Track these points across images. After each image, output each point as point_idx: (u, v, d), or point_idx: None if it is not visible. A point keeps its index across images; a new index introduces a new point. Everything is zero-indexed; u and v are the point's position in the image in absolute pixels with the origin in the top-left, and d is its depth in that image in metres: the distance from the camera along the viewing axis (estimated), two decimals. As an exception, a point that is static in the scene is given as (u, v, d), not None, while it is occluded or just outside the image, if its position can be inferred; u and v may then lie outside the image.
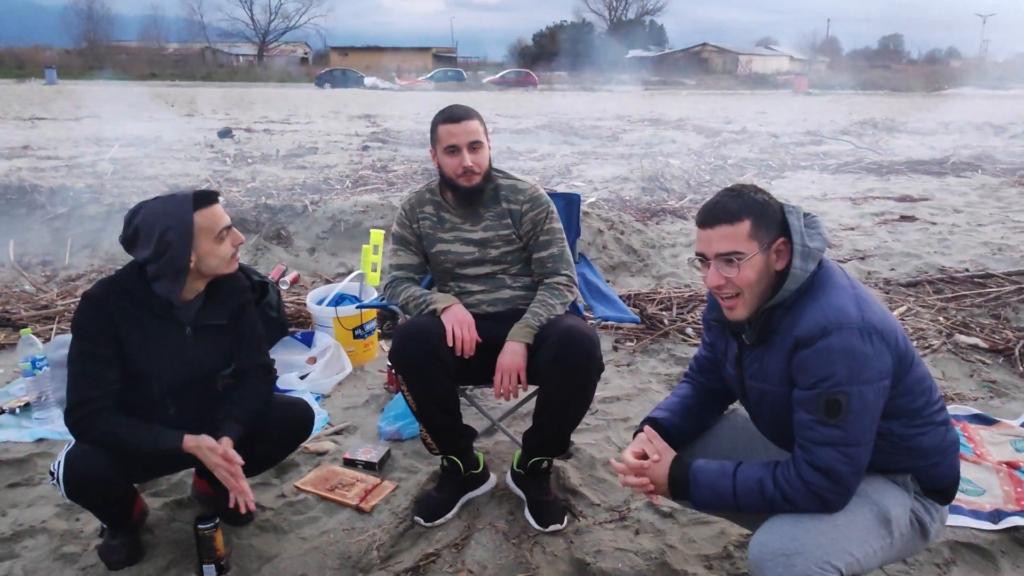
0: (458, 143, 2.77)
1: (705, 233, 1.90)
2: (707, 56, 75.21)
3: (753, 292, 1.90)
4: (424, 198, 2.99)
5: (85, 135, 13.94)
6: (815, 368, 1.78)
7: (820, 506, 1.82)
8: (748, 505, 1.90)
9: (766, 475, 1.87)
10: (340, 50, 77.76)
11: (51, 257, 6.15)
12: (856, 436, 1.79)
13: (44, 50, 62.37)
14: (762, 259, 1.87)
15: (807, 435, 1.82)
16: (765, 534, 1.84)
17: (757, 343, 1.95)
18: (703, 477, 1.95)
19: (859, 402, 1.76)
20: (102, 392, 2.27)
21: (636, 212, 7.48)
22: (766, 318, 1.91)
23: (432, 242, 2.95)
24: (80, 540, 2.65)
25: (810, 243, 1.86)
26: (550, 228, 2.92)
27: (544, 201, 2.95)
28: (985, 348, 4.32)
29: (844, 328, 1.76)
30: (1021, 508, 2.77)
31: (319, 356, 4.06)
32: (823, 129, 17.70)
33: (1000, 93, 41.06)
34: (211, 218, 2.33)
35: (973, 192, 9.55)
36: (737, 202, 1.87)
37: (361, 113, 22.51)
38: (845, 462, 1.79)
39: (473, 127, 2.80)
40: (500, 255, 2.92)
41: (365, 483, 2.99)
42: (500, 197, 2.93)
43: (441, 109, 2.89)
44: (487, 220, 2.91)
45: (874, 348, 1.77)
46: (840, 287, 1.85)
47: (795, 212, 1.91)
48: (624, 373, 4.13)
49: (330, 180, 8.78)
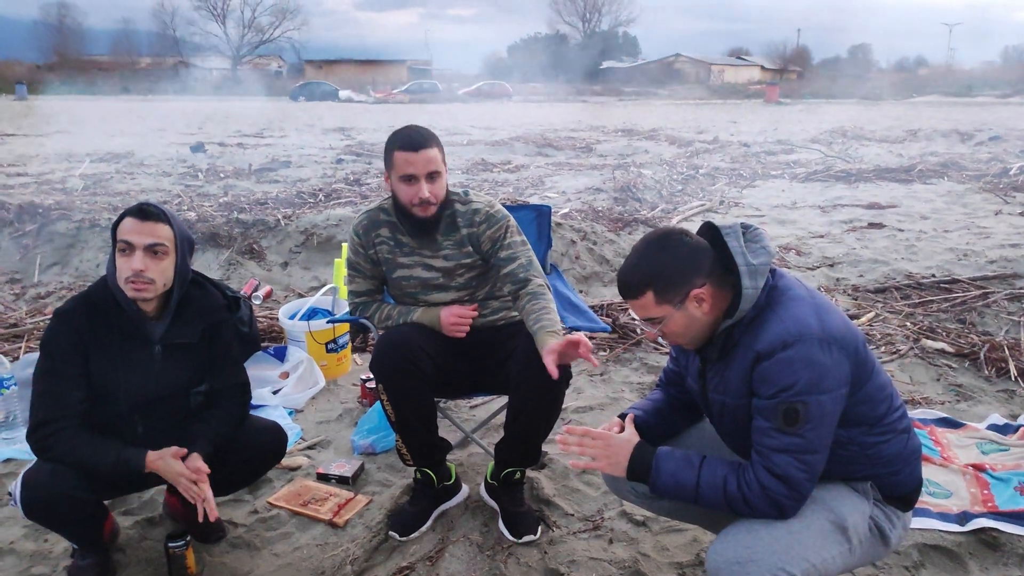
0: (416, 172, 2.64)
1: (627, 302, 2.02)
2: (680, 66, 75.91)
3: (691, 335, 1.98)
4: (378, 219, 2.85)
5: (55, 151, 13.81)
6: (776, 379, 1.80)
7: (776, 512, 1.84)
8: (708, 498, 1.90)
9: (730, 474, 1.89)
10: (315, 63, 77.59)
11: (20, 275, 6.09)
12: (813, 444, 1.81)
13: (13, 64, 61.76)
14: (680, 315, 1.92)
15: (764, 442, 1.85)
16: (721, 543, 1.86)
17: (719, 359, 1.98)
18: (666, 464, 1.95)
19: (817, 410, 1.79)
20: (66, 411, 2.25)
21: (608, 222, 7.53)
22: (726, 335, 1.94)
23: (392, 267, 2.86)
24: (49, 560, 2.62)
25: (754, 260, 1.88)
26: (511, 242, 2.80)
27: (500, 216, 2.83)
28: (951, 352, 4.39)
29: (804, 339, 1.79)
30: (988, 510, 2.81)
31: (292, 371, 4.04)
32: (793, 138, 17.92)
33: (966, 100, 41.75)
34: (123, 231, 2.28)
35: (939, 199, 9.70)
36: (636, 275, 1.93)
37: (335, 126, 22.45)
38: (801, 469, 1.81)
39: (432, 156, 2.65)
40: (466, 281, 2.86)
41: (338, 497, 2.98)
42: (458, 225, 2.82)
43: (396, 132, 2.73)
44: (446, 249, 2.81)
45: (833, 358, 1.80)
46: (798, 299, 1.88)
47: (733, 232, 1.93)
48: (597, 383, 4.16)
49: (303, 194, 8.76)
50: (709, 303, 1.92)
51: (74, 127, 20.50)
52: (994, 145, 15.91)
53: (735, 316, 1.89)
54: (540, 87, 58.52)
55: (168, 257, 2.32)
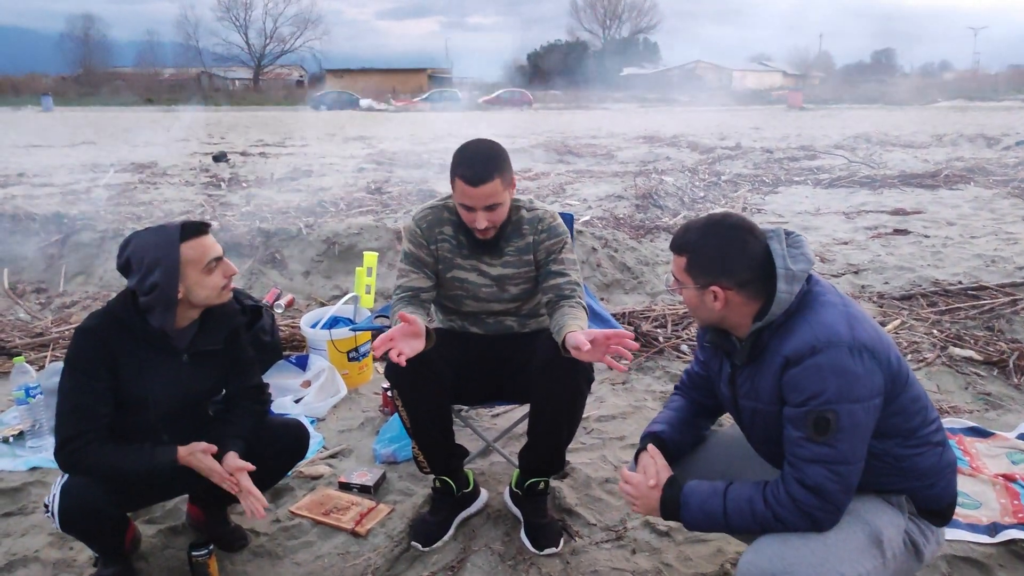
0: (473, 205, 2.59)
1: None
2: (701, 72, 75.62)
3: (699, 315, 2.01)
4: (443, 217, 2.79)
5: (80, 161, 13.95)
6: (804, 386, 1.78)
7: (810, 525, 1.81)
8: (739, 525, 1.89)
9: (755, 494, 1.87)
10: (336, 72, 78.12)
11: (45, 284, 6.16)
12: (845, 454, 1.79)
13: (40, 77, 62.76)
14: (694, 295, 1.96)
15: (796, 452, 1.82)
16: (754, 553, 1.84)
17: (748, 362, 1.96)
18: (694, 499, 1.95)
19: (848, 420, 1.76)
20: (93, 426, 2.26)
21: (630, 230, 7.50)
22: (755, 338, 1.92)
23: (449, 266, 2.80)
24: (73, 569, 2.63)
25: (793, 266, 1.88)
26: (565, 258, 2.77)
27: (561, 231, 2.80)
28: (980, 360, 4.32)
29: (833, 346, 1.77)
30: (1018, 521, 2.76)
31: (314, 379, 4.05)
32: (817, 144, 17.78)
33: (992, 105, 41.28)
34: (199, 249, 2.32)
35: (966, 204, 9.58)
36: (688, 235, 1.97)
37: (356, 135, 22.55)
38: (834, 480, 1.79)
39: (491, 191, 2.55)
40: (518, 293, 2.83)
41: (360, 507, 2.98)
42: (523, 232, 2.77)
43: (463, 149, 2.62)
44: (507, 256, 2.78)
45: (864, 366, 1.77)
46: (830, 305, 1.86)
47: (776, 236, 1.93)
48: (619, 391, 4.13)
49: (324, 203, 8.79)
50: (723, 304, 1.92)
51: (99, 138, 20.74)
52: (1021, 150, 15.69)
53: (765, 319, 1.88)
54: (560, 94, 58.57)
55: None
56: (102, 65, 72.44)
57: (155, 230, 2.33)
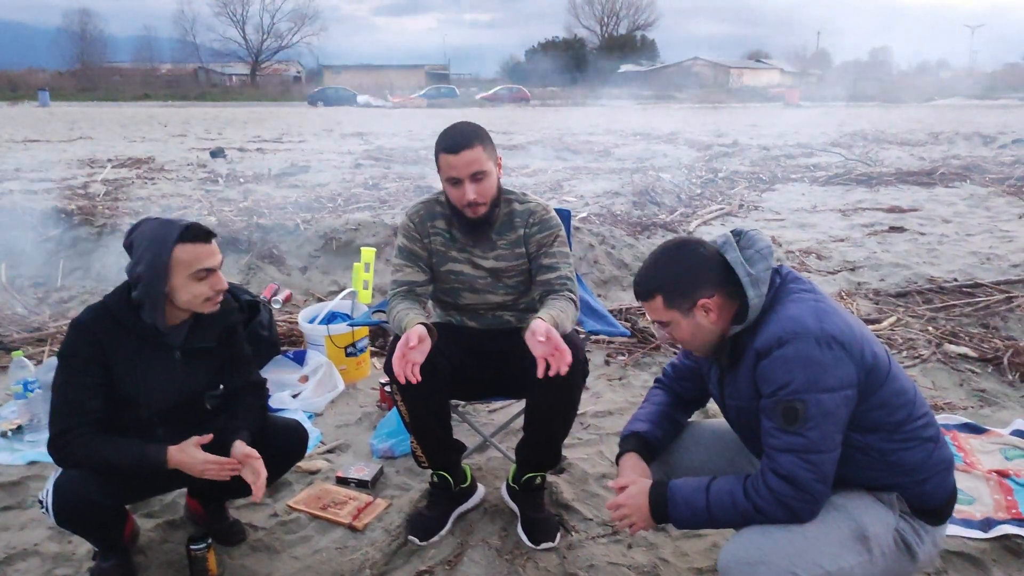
0: (458, 175, 2.58)
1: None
2: (698, 70, 75.61)
3: (699, 343, 2.02)
4: (434, 210, 2.80)
5: (77, 157, 13.94)
6: (773, 377, 1.82)
7: (788, 515, 1.83)
8: (722, 518, 1.91)
9: (736, 487, 1.89)
10: (333, 68, 78.03)
11: (43, 279, 6.15)
12: (816, 443, 1.80)
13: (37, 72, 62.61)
14: (688, 322, 1.97)
15: (770, 442, 1.85)
16: (734, 543, 1.87)
17: (731, 365, 1.99)
18: (679, 495, 1.97)
19: (817, 409, 1.78)
20: (84, 418, 2.26)
21: (627, 226, 7.51)
22: (735, 340, 1.96)
23: (443, 260, 2.81)
24: (72, 562, 2.64)
25: (752, 269, 1.92)
26: (557, 251, 2.76)
27: (553, 223, 2.78)
28: (974, 357, 4.34)
29: (800, 337, 1.80)
30: (1011, 516, 2.78)
31: (311, 374, 4.06)
32: (813, 141, 17.80)
33: (988, 103, 41.34)
34: (193, 254, 2.29)
35: (962, 202, 9.61)
36: (647, 280, 2.00)
37: (354, 131, 22.53)
38: (807, 468, 1.80)
39: (474, 156, 2.57)
40: (514, 284, 2.82)
41: (358, 501, 2.99)
42: (515, 224, 2.78)
43: (443, 132, 2.65)
44: (499, 248, 2.77)
45: (832, 356, 1.79)
46: (798, 299, 1.89)
47: (727, 244, 1.97)
48: (616, 387, 4.15)
49: (322, 198, 8.79)
50: (716, 313, 1.95)
51: (96, 133, 20.71)
52: (1017, 148, 15.72)
53: (744, 323, 1.92)
54: (558, 91, 58.54)
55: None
56: (99, 60, 72.28)
57: (163, 222, 2.32)
